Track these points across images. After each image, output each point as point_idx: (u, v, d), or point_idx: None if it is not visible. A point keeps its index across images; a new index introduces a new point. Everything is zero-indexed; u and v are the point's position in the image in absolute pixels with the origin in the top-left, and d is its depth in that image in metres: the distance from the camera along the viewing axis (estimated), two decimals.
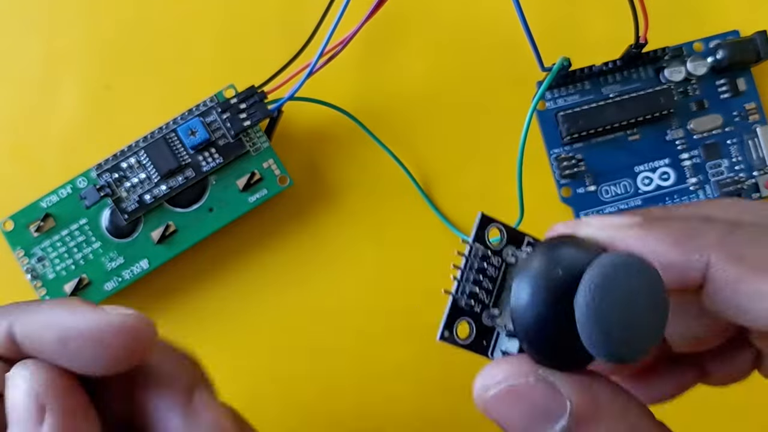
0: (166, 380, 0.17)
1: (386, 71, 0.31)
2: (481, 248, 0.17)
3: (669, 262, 0.16)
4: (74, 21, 0.31)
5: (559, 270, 0.15)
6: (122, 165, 0.28)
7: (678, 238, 0.16)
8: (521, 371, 0.15)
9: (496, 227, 0.17)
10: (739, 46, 0.30)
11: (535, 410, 0.15)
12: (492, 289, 0.17)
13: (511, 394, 0.15)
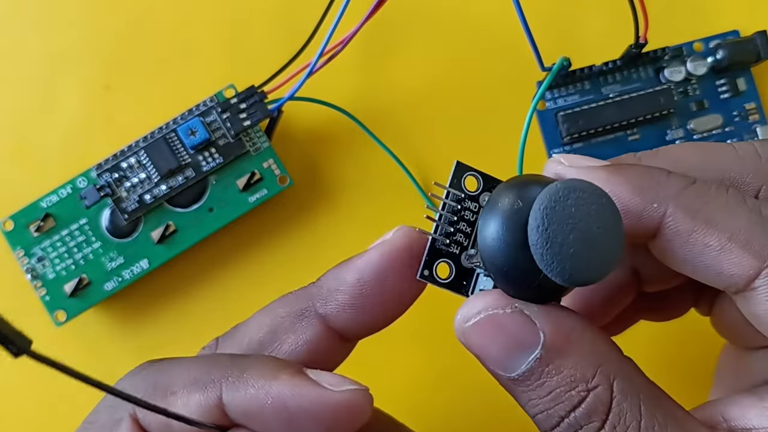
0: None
1: (386, 71, 0.31)
2: (458, 193, 0.18)
3: (628, 207, 0.16)
4: (74, 21, 0.31)
5: (519, 201, 0.16)
6: (122, 165, 0.28)
7: (640, 186, 0.16)
8: (499, 303, 0.16)
9: (473, 175, 0.18)
10: (739, 46, 0.30)
11: (511, 340, 0.16)
12: (470, 232, 0.18)
13: (489, 323, 0.16)
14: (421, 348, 0.30)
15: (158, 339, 0.30)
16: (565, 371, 0.15)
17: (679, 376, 0.30)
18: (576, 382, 0.15)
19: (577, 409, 0.15)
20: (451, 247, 0.18)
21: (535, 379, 0.16)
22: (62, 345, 0.30)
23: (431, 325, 0.30)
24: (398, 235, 0.18)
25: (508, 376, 0.16)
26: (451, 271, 0.18)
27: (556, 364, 0.16)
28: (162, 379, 0.17)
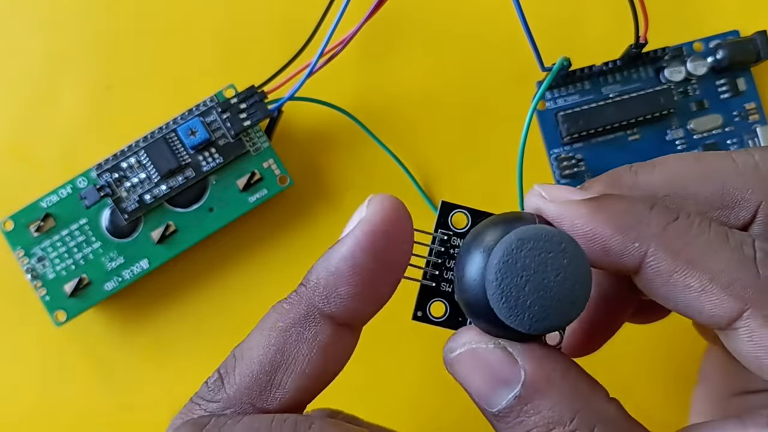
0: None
1: (386, 71, 0.31)
2: (445, 233, 0.18)
3: (609, 246, 0.16)
4: (74, 21, 0.31)
5: (483, 250, 0.16)
6: (122, 165, 0.28)
7: (621, 225, 0.16)
8: (482, 338, 0.16)
9: (461, 212, 0.18)
10: (739, 46, 0.30)
11: (492, 375, 0.16)
12: None
13: (471, 357, 0.16)
14: (420, 346, 0.30)
15: (158, 339, 0.30)
16: (543, 412, 0.15)
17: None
18: (553, 423, 0.15)
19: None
20: (442, 286, 0.18)
21: (514, 417, 0.16)
22: (62, 345, 0.30)
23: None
24: (374, 209, 0.17)
25: (489, 410, 0.16)
26: (446, 309, 0.18)
27: (534, 403, 0.16)
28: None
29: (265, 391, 0.17)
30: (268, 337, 0.17)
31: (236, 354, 0.18)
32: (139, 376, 0.30)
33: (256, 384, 0.17)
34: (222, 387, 0.17)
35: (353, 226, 0.17)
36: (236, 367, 0.17)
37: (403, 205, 0.17)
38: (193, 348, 0.30)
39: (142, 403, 0.30)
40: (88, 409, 0.30)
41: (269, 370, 0.17)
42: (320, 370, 0.17)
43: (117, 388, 0.30)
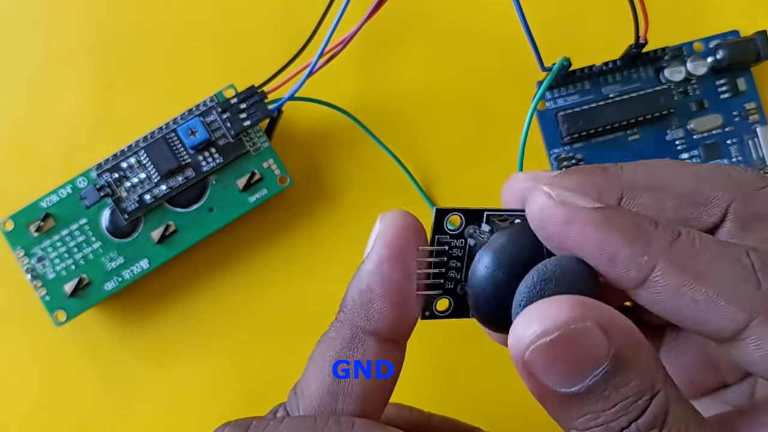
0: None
1: (386, 71, 0.31)
2: (443, 238, 0.19)
3: (618, 257, 0.16)
4: (74, 21, 0.31)
5: (499, 272, 0.17)
6: (122, 165, 0.28)
7: (630, 238, 0.16)
8: (576, 316, 0.15)
9: (454, 214, 0.19)
10: (739, 46, 0.30)
11: (581, 355, 0.15)
12: (461, 266, 0.19)
13: (567, 339, 0.15)
14: None
15: (158, 339, 0.30)
16: (633, 382, 0.15)
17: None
18: (643, 391, 0.15)
19: (640, 418, 0.15)
20: (446, 284, 0.19)
21: (599, 392, 0.15)
22: (62, 345, 0.30)
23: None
24: (388, 222, 0.18)
25: (566, 392, 0.15)
26: (450, 303, 0.19)
27: (623, 375, 0.15)
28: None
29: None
30: (321, 369, 0.18)
31: (296, 391, 0.18)
32: (139, 376, 0.30)
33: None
34: None
35: (372, 243, 0.17)
36: (299, 405, 0.18)
37: (413, 215, 0.18)
38: (193, 348, 0.30)
39: (142, 403, 0.30)
40: (87, 409, 0.30)
41: (329, 400, 0.18)
42: (376, 389, 0.18)
43: (117, 388, 0.30)
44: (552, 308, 0.15)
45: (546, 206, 0.17)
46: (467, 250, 0.19)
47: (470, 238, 0.19)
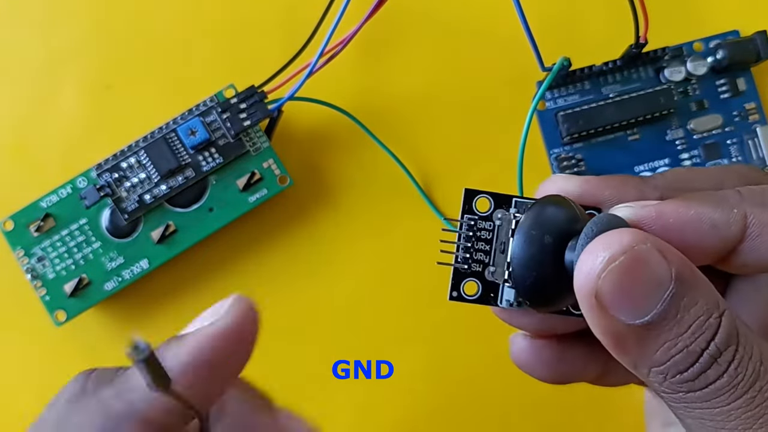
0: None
1: (386, 71, 0.31)
2: (472, 217, 0.20)
3: (716, 221, 0.17)
4: (74, 21, 0.31)
5: (549, 237, 0.18)
6: (122, 165, 0.28)
7: (714, 204, 0.17)
8: (638, 238, 0.16)
9: (484, 197, 0.20)
10: (739, 46, 0.30)
11: (648, 279, 0.15)
12: (489, 249, 0.20)
13: (634, 261, 0.15)
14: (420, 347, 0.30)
15: (158, 339, 0.30)
16: (699, 301, 0.15)
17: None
18: (711, 309, 0.15)
19: (716, 336, 0.15)
20: (473, 266, 0.19)
21: (672, 317, 0.15)
22: (62, 345, 0.30)
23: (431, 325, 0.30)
24: (232, 317, 0.19)
25: (641, 323, 0.15)
26: (479, 287, 0.20)
27: (690, 296, 0.15)
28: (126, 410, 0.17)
29: None
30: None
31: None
32: None
33: None
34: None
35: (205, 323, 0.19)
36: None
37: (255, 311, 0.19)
38: None
39: None
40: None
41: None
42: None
43: None
44: (614, 236, 0.16)
45: (634, 215, 0.18)
46: (495, 233, 0.20)
47: (498, 221, 0.20)
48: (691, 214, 0.17)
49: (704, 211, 0.17)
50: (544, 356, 0.21)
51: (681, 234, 0.17)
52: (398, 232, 0.31)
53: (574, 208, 0.18)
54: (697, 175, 0.20)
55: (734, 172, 0.20)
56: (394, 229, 0.31)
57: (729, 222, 0.17)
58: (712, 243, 0.17)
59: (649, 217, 0.17)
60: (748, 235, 0.17)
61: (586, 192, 0.19)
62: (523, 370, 0.21)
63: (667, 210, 0.17)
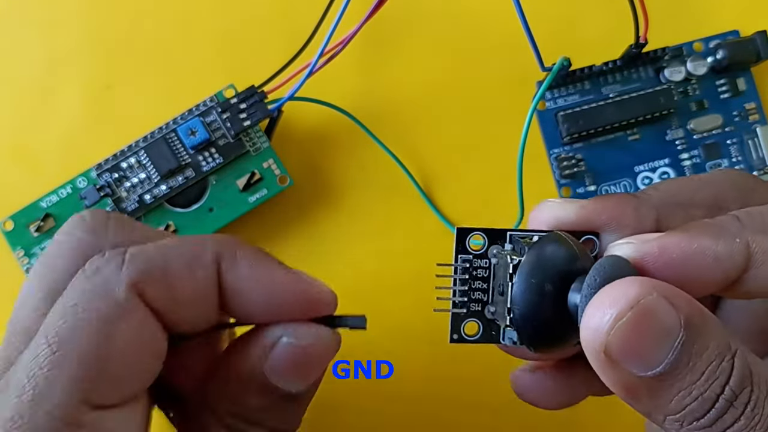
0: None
1: (386, 71, 0.31)
2: (466, 257, 0.19)
3: (719, 254, 0.17)
4: (74, 21, 0.31)
5: (549, 284, 0.17)
6: (122, 165, 0.28)
7: (714, 235, 0.17)
8: (644, 289, 0.15)
9: (477, 234, 0.19)
10: (739, 46, 0.30)
11: (659, 328, 0.15)
12: (487, 287, 0.19)
13: (643, 315, 0.15)
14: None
15: None
16: (711, 345, 0.15)
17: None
18: (723, 352, 0.15)
19: (730, 379, 0.15)
20: (472, 306, 0.19)
21: (684, 365, 0.15)
22: None
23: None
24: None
25: (653, 374, 0.15)
26: (479, 326, 0.19)
27: (701, 341, 0.15)
28: (154, 256, 0.17)
29: None
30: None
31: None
32: None
33: None
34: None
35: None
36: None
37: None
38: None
39: None
40: None
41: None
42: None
43: None
44: (618, 290, 0.15)
45: (634, 252, 0.17)
46: (492, 271, 0.19)
47: (493, 258, 0.19)
48: (694, 248, 0.17)
49: (706, 244, 0.17)
50: (548, 387, 0.21)
51: (684, 269, 0.17)
52: (398, 232, 0.31)
53: (572, 246, 0.18)
54: (692, 188, 0.20)
55: (729, 180, 0.20)
56: (394, 229, 0.31)
57: (732, 253, 0.17)
58: (716, 275, 0.17)
59: (651, 253, 0.17)
60: (752, 265, 0.17)
61: (582, 218, 0.19)
62: (530, 404, 0.21)
63: (670, 244, 0.17)
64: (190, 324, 0.18)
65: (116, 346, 0.16)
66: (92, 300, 0.17)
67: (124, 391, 0.17)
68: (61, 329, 0.16)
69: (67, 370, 0.16)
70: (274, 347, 0.18)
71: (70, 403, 0.16)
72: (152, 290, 0.17)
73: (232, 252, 0.18)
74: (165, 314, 0.17)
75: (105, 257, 0.17)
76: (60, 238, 0.19)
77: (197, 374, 0.20)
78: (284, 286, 0.19)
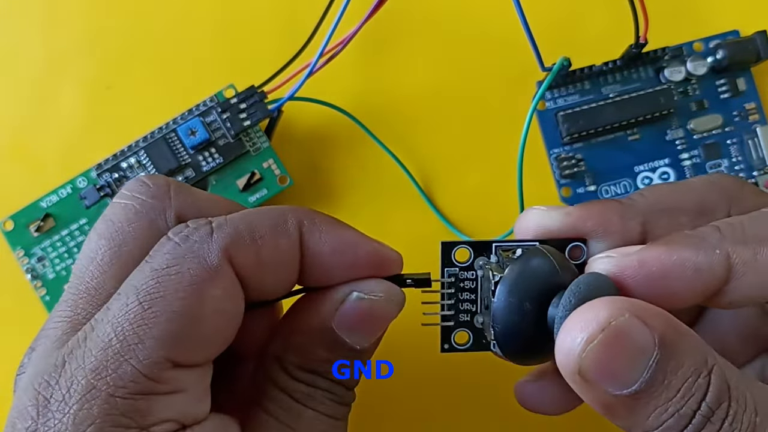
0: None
1: (386, 71, 0.31)
2: (452, 271, 0.19)
3: (700, 264, 0.17)
4: (74, 21, 0.31)
5: (527, 304, 0.18)
6: (122, 165, 0.28)
7: (695, 247, 0.17)
8: (616, 310, 0.15)
9: (462, 248, 0.19)
10: (739, 46, 0.30)
11: (632, 347, 0.15)
12: (474, 298, 0.19)
13: (616, 335, 0.15)
14: None
15: None
16: (686, 362, 0.15)
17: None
18: (699, 368, 0.15)
19: (707, 395, 0.15)
20: (461, 316, 0.19)
21: (659, 382, 0.15)
22: None
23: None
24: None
25: (628, 393, 0.15)
26: (470, 336, 0.20)
27: (676, 358, 0.15)
28: (241, 225, 0.18)
29: None
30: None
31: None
32: None
33: None
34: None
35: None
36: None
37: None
38: None
39: None
40: None
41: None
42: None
43: None
44: (590, 312, 0.16)
45: (612, 267, 0.18)
46: (479, 282, 0.19)
47: (479, 270, 0.19)
48: (674, 260, 0.17)
49: (686, 256, 0.17)
50: (550, 394, 0.21)
51: (665, 281, 0.17)
52: (398, 232, 0.31)
53: (553, 261, 0.18)
54: (678, 194, 0.20)
55: (716, 185, 0.20)
56: (394, 229, 0.31)
57: (712, 264, 0.17)
58: (696, 287, 0.17)
59: (631, 266, 0.17)
60: (733, 276, 0.17)
61: (568, 225, 0.19)
62: (535, 412, 0.21)
63: (649, 258, 0.17)
64: (271, 290, 0.19)
65: (206, 309, 0.17)
66: (184, 263, 0.17)
67: (205, 352, 0.18)
68: (153, 288, 0.17)
69: (157, 328, 0.16)
70: (344, 302, 0.19)
71: (156, 359, 0.16)
72: (241, 257, 0.18)
73: (312, 218, 0.19)
74: (250, 280, 0.18)
75: (193, 225, 0.18)
76: (123, 201, 0.19)
77: (259, 336, 0.21)
78: (359, 247, 0.19)
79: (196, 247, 0.17)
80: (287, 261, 0.18)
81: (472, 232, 0.30)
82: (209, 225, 0.18)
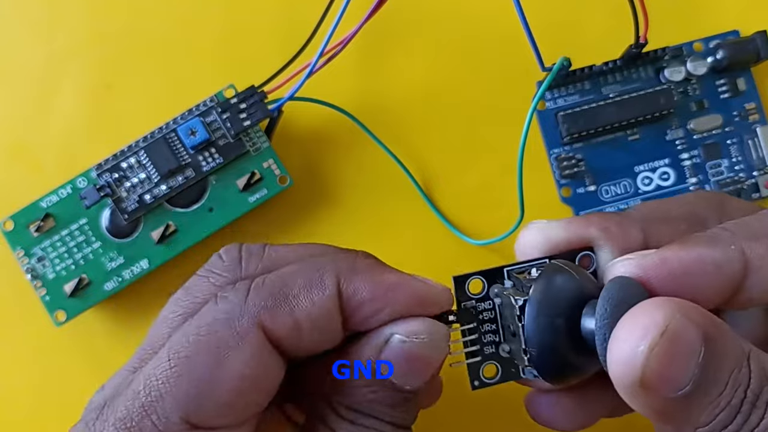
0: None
1: (386, 71, 0.31)
2: (469, 304, 0.19)
3: (719, 261, 0.17)
4: (74, 21, 0.31)
5: (559, 319, 0.17)
6: (122, 165, 0.28)
7: (711, 244, 0.17)
8: (669, 313, 0.15)
9: (475, 279, 0.19)
10: (739, 46, 0.30)
11: (687, 348, 0.15)
12: (496, 328, 0.19)
13: (673, 339, 0.15)
14: None
15: None
16: (729, 353, 0.15)
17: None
18: (740, 357, 0.15)
19: (750, 382, 0.15)
20: (486, 349, 0.19)
21: (709, 378, 0.15)
22: (62, 345, 0.30)
23: None
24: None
25: (684, 393, 0.15)
26: (498, 368, 0.19)
27: (720, 351, 0.15)
28: (276, 285, 0.18)
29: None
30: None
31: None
32: None
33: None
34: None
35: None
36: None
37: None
38: None
39: None
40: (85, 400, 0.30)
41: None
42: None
43: None
44: (645, 317, 0.15)
45: (632, 270, 0.18)
46: (498, 311, 0.19)
47: (496, 298, 0.19)
48: (693, 257, 0.17)
49: (704, 252, 0.17)
50: (563, 407, 0.21)
51: (688, 278, 0.17)
52: (398, 232, 0.31)
53: (572, 272, 0.18)
54: (669, 205, 0.20)
55: (702, 198, 0.20)
56: (394, 229, 0.31)
57: (730, 259, 0.17)
58: (718, 283, 0.17)
59: (653, 265, 0.17)
60: (750, 270, 0.17)
61: (573, 235, 0.19)
62: (545, 426, 0.21)
63: (670, 255, 0.17)
64: (315, 345, 0.19)
65: (227, 373, 0.17)
66: (216, 325, 0.18)
67: (227, 417, 0.18)
68: (183, 347, 0.17)
69: (177, 387, 0.17)
70: (386, 345, 0.19)
71: (173, 418, 0.17)
72: (274, 320, 0.18)
73: (351, 267, 0.19)
74: (287, 341, 0.18)
75: (234, 288, 0.19)
76: (201, 273, 0.20)
77: (322, 376, 0.21)
78: (400, 289, 0.19)
79: (229, 309, 0.18)
80: (324, 316, 0.18)
81: (472, 233, 0.30)
82: (247, 288, 0.18)
